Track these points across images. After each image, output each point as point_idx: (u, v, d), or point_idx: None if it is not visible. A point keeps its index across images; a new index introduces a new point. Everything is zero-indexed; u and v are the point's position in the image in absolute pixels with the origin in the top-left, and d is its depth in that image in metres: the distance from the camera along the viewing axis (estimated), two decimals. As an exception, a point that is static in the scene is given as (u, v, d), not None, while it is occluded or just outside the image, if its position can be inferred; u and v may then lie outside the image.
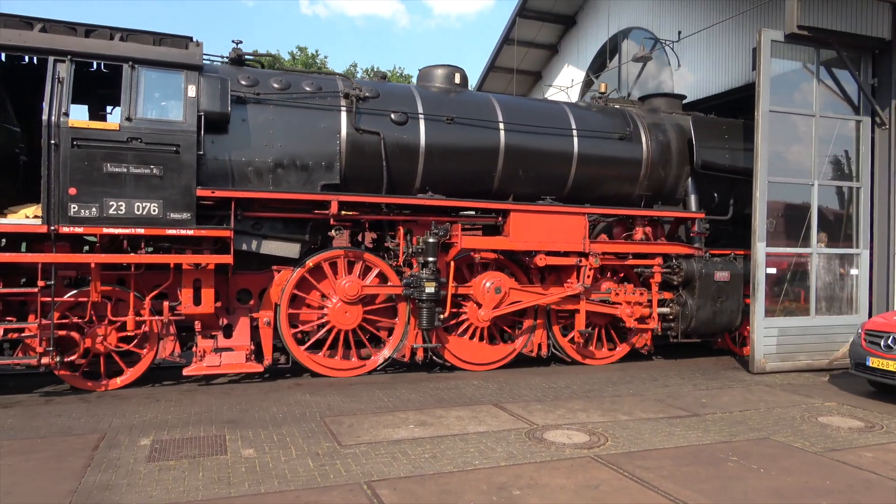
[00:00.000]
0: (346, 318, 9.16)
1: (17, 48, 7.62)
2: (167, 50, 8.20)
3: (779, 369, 10.25)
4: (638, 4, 16.40)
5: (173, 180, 7.95)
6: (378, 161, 9.26)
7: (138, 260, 8.04)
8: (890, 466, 5.85)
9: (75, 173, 7.57)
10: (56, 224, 7.52)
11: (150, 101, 8.02)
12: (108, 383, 8.33)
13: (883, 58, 10.68)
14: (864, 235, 10.84)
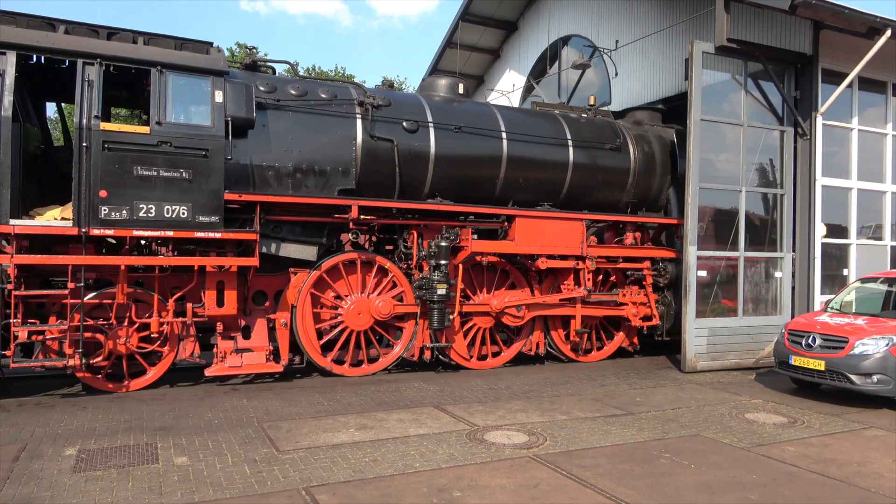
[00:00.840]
0: (359, 320, 9.45)
1: (48, 50, 7.62)
2: (194, 55, 8.32)
3: (709, 368, 10.65)
4: (577, 13, 16.76)
5: (202, 184, 8.07)
6: (391, 167, 9.63)
7: (168, 262, 8.12)
8: (810, 459, 6.16)
9: (106, 176, 7.62)
10: (87, 226, 7.57)
11: (178, 106, 8.09)
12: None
13: (805, 71, 11.26)
14: (787, 240, 11.40)
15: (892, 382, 7.97)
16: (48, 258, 7.66)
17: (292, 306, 9.12)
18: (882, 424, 7.54)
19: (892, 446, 6.68)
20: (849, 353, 8.18)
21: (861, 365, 8.06)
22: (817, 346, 8.54)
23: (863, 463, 6.10)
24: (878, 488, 5.45)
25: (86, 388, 8.27)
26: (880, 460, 6.20)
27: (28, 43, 7.56)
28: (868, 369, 8.03)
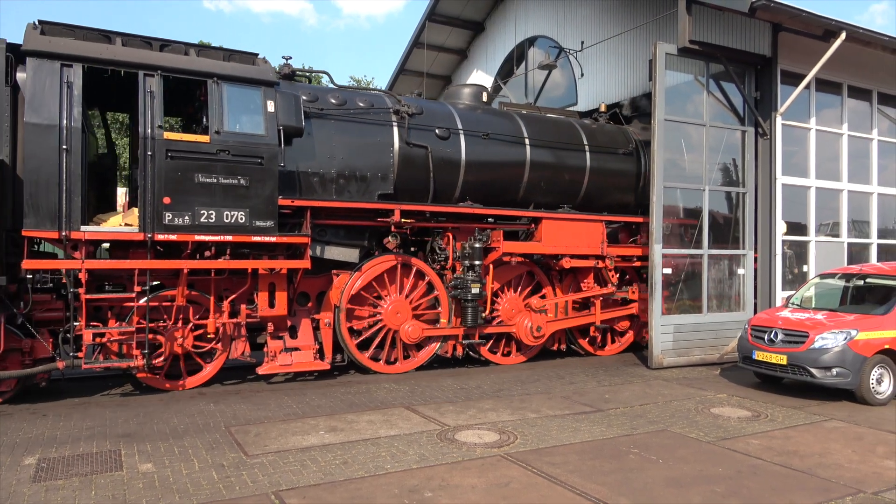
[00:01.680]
0: (397, 319, 9.83)
1: (112, 62, 7.88)
2: (246, 67, 8.69)
3: (675, 364, 10.83)
4: (543, 14, 16.89)
5: (258, 190, 8.38)
6: (426, 173, 10.10)
7: (227, 265, 8.42)
8: (774, 452, 6.30)
9: (169, 183, 7.90)
10: (152, 232, 7.86)
11: (233, 116, 8.38)
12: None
13: (764, 73, 11.52)
14: (750, 237, 11.65)
15: (850, 375, 8.20)
16: (116, 263, 7.96)
17: (335, 307, 9.48)
18: (841, 416, 7.75)
19: (852, 437, 6.88)
20: (809, 347, 8.39)
21: (821, 359, 8.28)
22: (779, 341, 8.74)
23: (824, 454, 6.27)
24: (838, 478, 5.60)
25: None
26: (840, 451, 6.37)
27: (93, 55, 7.79)
28: (827, 363, 8.25)
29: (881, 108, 13.30)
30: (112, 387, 8.80)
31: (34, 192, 7.38)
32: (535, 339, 10.81)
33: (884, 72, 12.88)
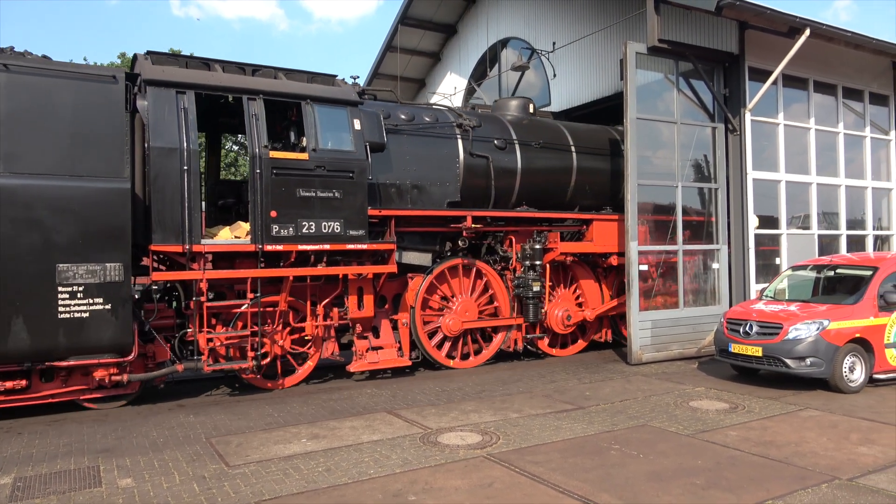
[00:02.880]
0: (465, 317, 10.54)
1: (221, 88, 8.68)
2: (334, 88, 9.48)
3: (654, 359, 10.95)
4: (515, 15, 17.00)
5: (350, 202, 9.08)
6: (487, 181, 10.91)
7: (324, 272, 9.12)
8: (751, 443, 6.41)
9: (275, 198, 8.59)
10: (262, 243, 8.54)
11: (326, 134, 9.07)
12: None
13: (732, 70, 11.72)
14: (723, 232, 11.84)
15: (823, 364, 8.37)
16: (232, 273, 8.61)
17: (411, 307, 10.08)
18: (816, 405, 7.90)
19: (826, 425, 7.02)
20: (783, 338, 8.55)
21: (795, 349, 8.44)
22: (754, 333, 8.89)
23: (800, 443, 6.39)
24: (814, 466, 5.72)
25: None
26: (816, 439, 6.50)
27: (203, 82, 8.52)
28: (801, 353, 8.41)
29: (846, 102, 13.59)
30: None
31: (160, 209, 8.01)
32: (565, 328, 11.46)
33: (847, 67, 13.18)
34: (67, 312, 7.43)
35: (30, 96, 7.47)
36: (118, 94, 7.88)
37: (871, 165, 14.04)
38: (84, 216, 7.52)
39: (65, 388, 7.87)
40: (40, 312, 7.31)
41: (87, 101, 7.71)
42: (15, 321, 7.20)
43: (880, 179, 14.27)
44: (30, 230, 7.28)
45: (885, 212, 14.47)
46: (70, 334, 7.45)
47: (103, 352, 7.70)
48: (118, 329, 7.68)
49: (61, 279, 7.40)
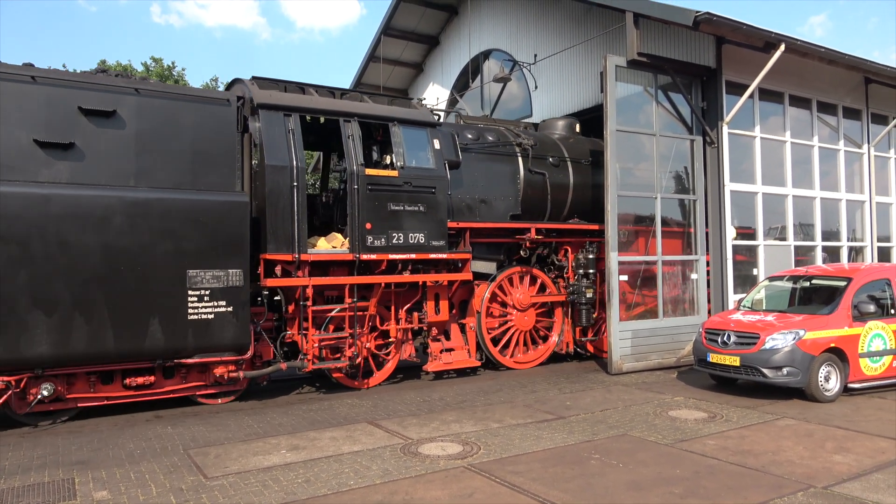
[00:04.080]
0: (524, 321, 11.42)
1: (322, 111, 9.68)
2: (418, 111, 10.43)
3: (634, 369, 11.03)
4: (497, 28, 17.15)
5: (432, 215, 9.97)
6: (544, 195, 11.82)
7: (411, 279, 9.92)
8: (729, 451, 6.48)
9: (370, 212, 9.42)
10: (359, 253, 9.33)
11: (410, 153, 9.93)
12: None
13: (710, 83, 11.91)
14: (701, 243, 11.98)
15: (799, 374, 8.49)
16: (332, 279, 9.35)
17: (477, 312, 10.89)
18: (793, 414, 8.01)
19: (802, 434, 7.12)
20: (760, 348, 8.66)
21: (772, 359, 8.55)
22: (732, 343, 8.99)
23: (777, 452, 6.47)
24: (790, 475, 5.79)
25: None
26: (792, 448, 6.59)
27: (306, 106, 9.44)
28: (778, 362, 8.52)
29: (820, 116, 13.87)
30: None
31: (274, 222, 8.80)
32: None
33: (822, 81, 13.46)
34: (196, 314, 8.21)
35: (155, 117, 8.23)
36: (231, 116, 8.72)
37: (845, 178, 14.32)
38: (210, 227, 8.29)
39: (184, 384, 8.55)
40: (173, 314, 8.06)
41: (203, 122, 8.51)
42: (152, 322, 7.95)
43: (854, 192, 14.56)
44: (164, 239, 8.03)
45: (859, 224, 14.75)
46: (197, 334, 8.21)
47: (225, 350, 8.47)
48: (238, 329, 8.47)
49: (191, 284, 8.18)
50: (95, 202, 7.70)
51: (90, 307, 7.64)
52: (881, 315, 9.14)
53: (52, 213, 7.47)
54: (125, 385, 8.17)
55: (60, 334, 7.50)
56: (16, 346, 7.32)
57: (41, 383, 7.62)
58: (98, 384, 8.07)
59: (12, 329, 7.30)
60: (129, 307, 7.82)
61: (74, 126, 7.80)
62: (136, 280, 7.87)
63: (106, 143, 7.96)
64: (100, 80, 8.10)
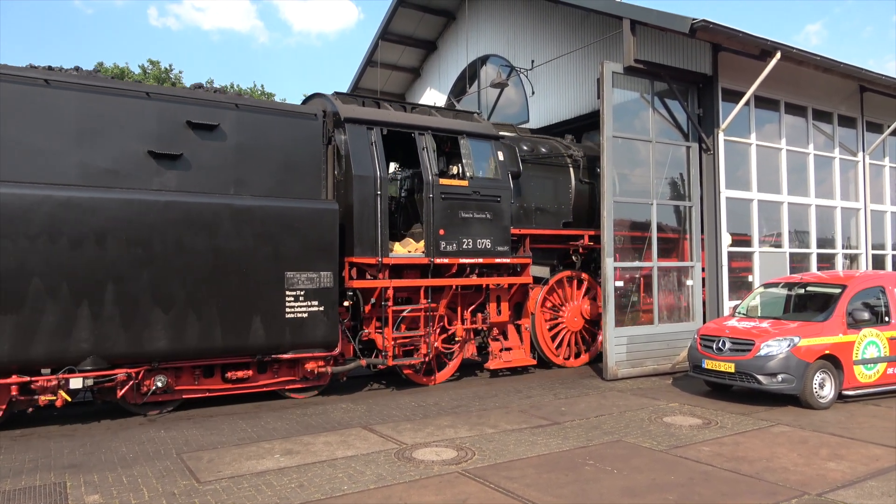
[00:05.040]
0: (574, 322, 12.11)
1: (402, 125, 10.22)
2: (483, 124, 11.19)
3: (629, 375, 11.03)
4: (494, 33, 17.19)
5: (498, 222, 10.67)
6: (591, 203, 12.45)
7: (479, 282, 10.60)
8: (724, 458, 6.47)
9: (443, 219, 10.16)
10: (433, 257, 10.03)
11: (477, 164, 10.65)
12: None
13: (706, 90, 11.96)
14: (697, 249, 12.00)
15: (794, 380, 8.50)
16: (409, 281, 9.97)
17: (531, 313, 11.48)
18: (787, 421, 8.01)
19: (797, 441, 7.12)
20: (755, 354, 8.67)
21: (767, 365, 8.56)
22: (727, 350, 9.00)
23: (771, 458, 6.47)
24: (785, 482, 5.79)
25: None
26: (787, 455, 6.59)
27: (386, 120, 10.04)
28: (773, 369, 8.53)
29: (816, 124, 13.93)
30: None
31: (360, 228, 9.45)
32: None
33: (817, 89, 13.52)
34: (292, 313, 8.82)
35: (251, 130, 8.86)
36: (317, 129, 9.37)
37: (840, 186, 14.38)
38: (304, 232, 8.91)
39: (276, 378, 9.11)
40: (272, 313, 8.69)
41: (293, 134, 9.15)
42: (255, 320, 8.57)
43: (849, 200, 14.62)
44: (265, 243, 8.65)
45: (854, 231, 14.81)
46: (293, 332, 8.84)
47: (316, 347, 9.08)
48: (328, 328, 9.09)
49: (288, 285, 8.80)
50: (207, 209, 8.34)
51: (202, 305, 8.25)
52: (875, 322, 9.16)
53: (171, 218, 8.10)
54: (225, 379, 8.75)
55: (176, 330, 8.11)
56: (138, 341, 7.92)
57: (155, 375, 8.21)
58: (201, 377, 8.64)
59: (136, 325, 7.89)
60: (235, 306, 8.44)
61: (182, 138, 8.42)
62: (241, 281, 8.49)
63: (209, 153, 8.58)
64: (204, 95, 8.75)
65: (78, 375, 7.62)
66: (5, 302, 7.26)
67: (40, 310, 7.41)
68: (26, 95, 7.67)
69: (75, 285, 7.58)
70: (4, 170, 7.49)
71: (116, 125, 8.08)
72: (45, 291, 7.44)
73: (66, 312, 7.53)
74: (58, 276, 7.50)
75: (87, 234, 7.65)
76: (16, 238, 7.33)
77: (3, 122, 7.51)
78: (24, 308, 7.34)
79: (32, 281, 7.38)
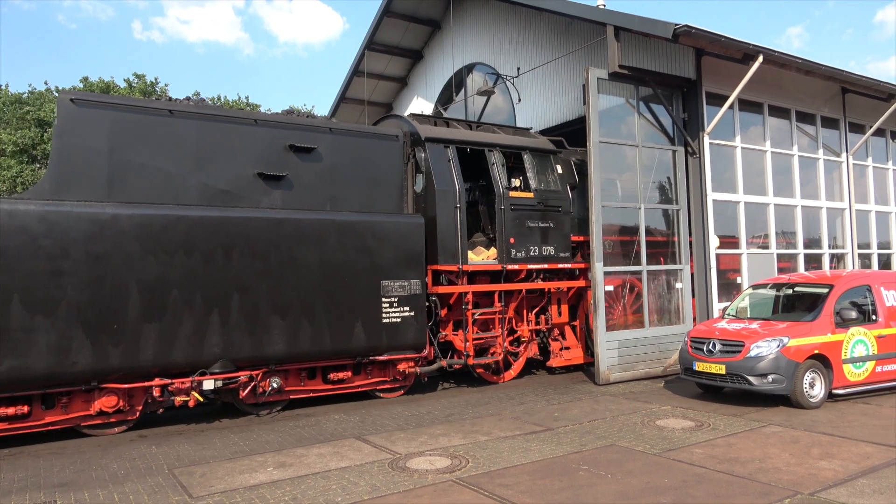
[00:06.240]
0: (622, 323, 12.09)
1: (473, 143, 11.08)
2: (543, 140, 12.04)
3: (621, 379, 11.05)
4: (480, 41, 17.28)
5: (559, 230, 11.51)
6: None
7: (544, 286, 11.38)
8: (716, 460, 6.50)
9: (512, 228, 10.96)
10: (506, 264, 10.87)
11: (540, 177, 11.50)
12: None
13: (690, 95, 12.07)
14: (685, 252, 12.07)
15: (784, 381, 8.55)
16: (485, 286, 10.75)
17: (586, 315, 12.08)
18: (778, 421, 8.05)
19: (788, 441, 7.16)
20: (745, 356, 8.72)
21: (757, 366, 8.61)
22: (717, 352, 9.05)
23: (764, 459, 6.49)
24: (777, 482, 5.81)
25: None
26: (779, 455, 6.62)
27: (460, 139, 10.96)
28: (763, 370, 8.58)
29: (800, 126, 14.08)
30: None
31: (443, 238, 10.30)
32: None
33: (800, 92, 13.68)
34: (388, 318, 9.63)
35: (342, 151, 9.63)
36: (399, 149, 10.15)
37: (825, 186, 14.53)
38: (396, 244, 9.76)
39: (369, 379, 9.84)
40: (371, 318, 9.50)
41: (378, 154, 9.92)
42: (356, 325, 9.37)
43: (834, 200, 14.77)
44: (363, 255, 9.49)
45: (840, 231, 14.95)
46: (389, 335, 9.64)
47: (407, 349, 9.84)
48: (418, 331, 9.89)
49: (384, 292, 9.63)
50: (315, 225, 9.19)
51: (312, 312, 9.06)
52: (863, 321, 9.24)
53: (285, 234, 8.92)
54: (326, 380, 9.47)
55: (291, 335, 8.89)
56: (259, 345, 8.68)
57: (270, 377, 8.90)
58: (306, 379, 9.37)
59: (258, 331, 8.66)
60: (340, 312, 9.25)
61: (285, 160, 9.20)
62: (345, 289, 9.31)
63: (308, 173, 9.35)
64: (303, 121, 9.60)
65: (210, 377, 8.39)
66: (151, 311, 8.04)
67: (179, 318, 8.19)
68: (154, 125, 8.43)
69: (207, 295, 8.38)
70: (136, 192, 8.23)
71: (229, 150, 8.85)
72: (183, 301, 8.22)
73: (200, 320, 8.32)
74: (193, 287, 8.29)
75: (216, 249, 8.48)
76: (158, 254, 8.13)
77: (136, 148, 8.29)
78: (165, 317, 8.12)
79: (172, 292, 8.17)
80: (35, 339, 7.46)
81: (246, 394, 8.73)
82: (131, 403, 8.27)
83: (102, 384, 7.91)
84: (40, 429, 7.78)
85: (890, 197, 16.36)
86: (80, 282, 7.71)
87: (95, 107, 8.17)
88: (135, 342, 7.94)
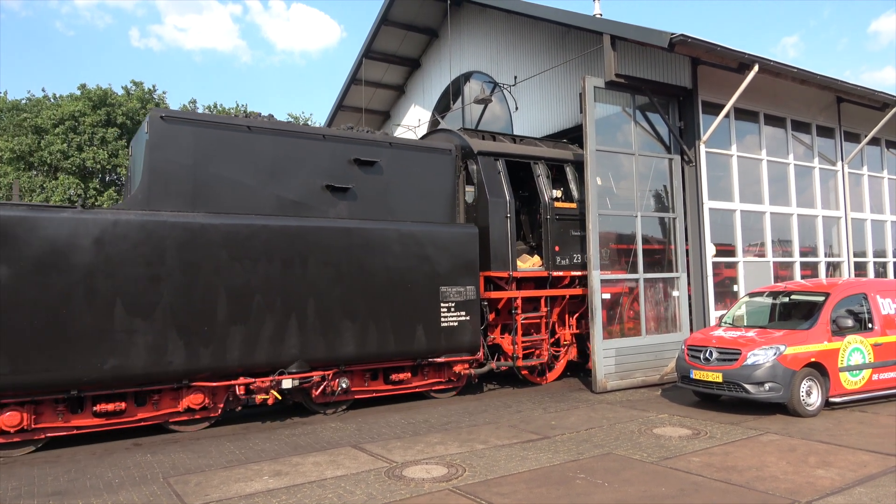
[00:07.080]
0: None
1: (520, 156, 11.62)
2: (579, 151, 12.21)
3: (618, 387, 11.04)
4: (477, 50, 17.35)
5: None
6: None
7: (584, 292, 11.54)
8: (714, 468, 6.48)
9: (557, 236, 11.52)
10: (551, 270, 11.40)
11: (580, 187, 11.88)
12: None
13: (687, 103, 12.12)
14: (682, 260, 12.09)
15: (781, 389, 8.55)
16: (532, 292, 11.30)
17: None
18: (776, 429, 8.05)
19: (786, 449, 7.15)
20: (742, 364, 8.72)
21: (753, 375, 8.61)
22: (714, 360, 9.05)
23: (761, 467, 6.48)
24: (775, 490, 5.80)
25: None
26: (776, 463, 6.61)
27: (508, 152, 11.49)
28: (760, 378, 8.58)
29: (795, 135, 14.15)
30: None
31: (495, 246, 10.81)
32: None
33: (795, 101, 13.75)
34: (446, 322, 10.13)
35: (400, 165, 10.17)
36: (452, 162, 10.72)
37: (821, 195, 14.58)
38: (453, 251, 10.25)
39: (426, 380, 10.33)
40: (431, 322, 9.99)
41: (432, 167, 10.48)
42: (418, 328, 9.87)
43: (829, 208, 14.82)
44: (424, 263, 9.99)
45: (835, 239, 15.00)
46: (447, 338, 10.14)
47: (462, 352, 10.35)
48: (473, 334, 10.38)
49: (442, 298, 10.13)
50: (381, 234, 9.69)
51: (379, 316, 9.55)
52: (859, 329, 9.26)
53: (354, 242, 9.43)
54: (388, 381, 9.91)
55: (360, 338, 9.38)
56: (332, 347, 9.18)
57: (339, 378, 9.36)
58: (369, 380, 9.82)
59: (330, 333, 9.15)
60: (404, 316, 9.75)
61: (350, 173, 9.74)
62: (408, 295, 9.79)
63: (370, 185, 9.87)
64: (366, 136, 10.05)
65: (288, 377, 8.85)
66: (236, 315, 8.54)
67: (261, 321, 8.69)
68: (233, 140, 8.96)
69: (286, 300, 8.88)
70: (218, 202, 8.74)
71: (300, 163, 9.37)
72: (265, 306, 8.72)
73: (280, 323, 8.82)
74: (273, 292, 8.79)
75: (294, 256, 8.97)
76: (242, 261, 8.64)
77: (217, 162, 8.79)
78: (249, 320, 8.62)
79: (255, 297, 8.67)
80: (135, 341, 7.96)
81: (318, 393, 9.18)
82: (214, 401, 8.71)
83: (192, 383, 8.39)
84: (132, 424, 8.23)
85: (885, 205, 16.43)
86: (174, 287, 8.21)
87: (182, 123, 8.68)
88: (222, 343, 8.44)
